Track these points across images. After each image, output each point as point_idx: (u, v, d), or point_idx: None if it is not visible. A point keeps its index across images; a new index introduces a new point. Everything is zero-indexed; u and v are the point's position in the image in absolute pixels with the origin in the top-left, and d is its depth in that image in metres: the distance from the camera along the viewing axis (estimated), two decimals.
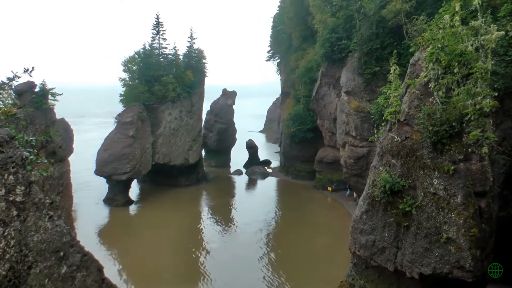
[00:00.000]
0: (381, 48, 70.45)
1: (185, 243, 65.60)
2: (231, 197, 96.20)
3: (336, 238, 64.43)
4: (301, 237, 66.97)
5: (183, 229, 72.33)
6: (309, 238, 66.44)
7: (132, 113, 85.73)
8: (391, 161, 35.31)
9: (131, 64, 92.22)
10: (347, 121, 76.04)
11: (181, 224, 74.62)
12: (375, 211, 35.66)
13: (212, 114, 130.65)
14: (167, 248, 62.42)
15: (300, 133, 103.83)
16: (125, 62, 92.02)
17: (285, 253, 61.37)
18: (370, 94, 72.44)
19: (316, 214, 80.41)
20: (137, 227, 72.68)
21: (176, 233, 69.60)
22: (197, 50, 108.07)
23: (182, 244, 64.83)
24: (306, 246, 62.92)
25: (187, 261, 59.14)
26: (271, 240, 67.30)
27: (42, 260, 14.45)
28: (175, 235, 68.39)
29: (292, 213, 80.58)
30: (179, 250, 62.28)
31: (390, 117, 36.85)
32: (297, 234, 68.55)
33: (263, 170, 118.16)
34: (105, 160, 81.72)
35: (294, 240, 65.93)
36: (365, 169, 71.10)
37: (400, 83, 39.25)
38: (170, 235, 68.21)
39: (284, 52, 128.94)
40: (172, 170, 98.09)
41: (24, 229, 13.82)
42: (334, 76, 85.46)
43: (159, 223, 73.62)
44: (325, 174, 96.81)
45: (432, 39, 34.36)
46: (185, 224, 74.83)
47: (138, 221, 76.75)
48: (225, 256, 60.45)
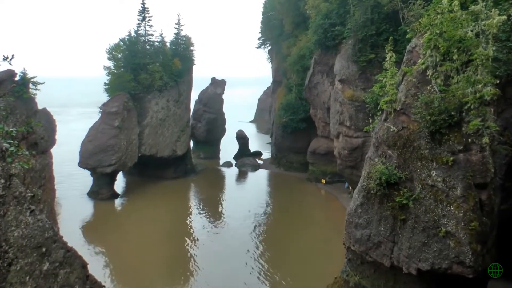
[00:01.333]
0: (377, 35, 70.23)
1: (173, 238, 65.46)
2: (221, 190, 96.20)
3: (330, 232, 64.48)
4: (294, 232, 67.04)
5: (171, 223, 72.16)
6: (302, 232, 66.49)
7: (118, 102, 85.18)
8: (387, 152, 35.27)
9: (116, 51, 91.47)
10: (341, 111, 75.95)
11: (169, 218, 74.43)
12: (371, 204, 35.63)
13: (200, 103, 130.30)
14: (154, 244, 62.22)
15: (292, 123, 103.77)
16: (110, 49, 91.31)
17: (277, 248, 61.36)
18: (365, 82, 72.27)
19: (309, 207, 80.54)
20: (123, 221, 72.47)
21: (163, 227, 69.41)
22: (184, 37, 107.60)
23: (170, 239, 64.69)
24: (298, 241, 62.98)
25: (175, 256, 59.02)
26: (263, 235, 67.26)
27: (23, 257, 14.26)
28: (162, 230, 68.21)
29: (284, 207, 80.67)
30: (166, 245, 62.11)
31: (386, 106, 36.76)
32: (290, 228, 68.62)
33: (254, 162, 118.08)
34: (90, 152, 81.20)
35: (286, 235, 65.97)
36: (360, 161, 71.02)
37: (396, 71, 39.17)
38: (157, 229, 68.01)
39: (275, 39, 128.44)
40: (159, 162, 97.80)
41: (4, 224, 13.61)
42: (328, 64, 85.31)
43: (146, 217, 73.40)
44: (318, 166, 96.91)
45: (430, 24, 34.25)
46: (173, 218, 74.68)
47: (124, 216, 76.56)
48: (214, 252, 60.36)
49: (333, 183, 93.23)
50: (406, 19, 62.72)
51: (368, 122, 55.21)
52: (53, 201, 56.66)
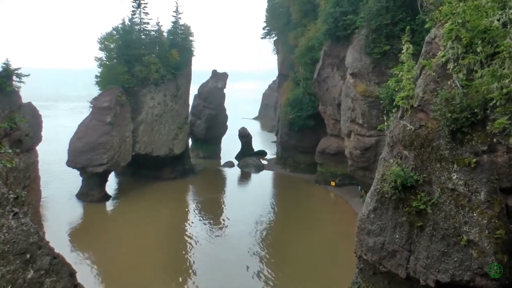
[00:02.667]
0: (392, 24, 69.90)
1: (169, 243, 65.44)
2: (222, 192, 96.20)
3: (340, 240, 64.38)
4: (300, 238, 66.89)
5: (167, 228, 72.12)
6: (309, 239, 66.36)
7: (110, 97, 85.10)
8: (403, 152, 35.05)
9: (108, 41, 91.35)
10: (352, 107, 75.79)
11: (165, 222, 74.42)
12: (385, 209, 35.40)
13: (200, 98, 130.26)
14: (149, 250, 62.19)
15: (299, 121, 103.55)
16: (102, 39, 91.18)
17: (282, 256, 61.30)
18: (379, 76, 72.09)
19: (318, 212, 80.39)
20: (114, 226, 72.46)
21: (159, 232, 69.36)
22: (183, 26, 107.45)
23: (166, 245, 64.66)
24: (305, 248, 62.84)
25: (171, 264, 58.95)
26: (267, 241, 67.19)
27: (5, 264, 14.12)
28: (157, 235, 68.16)
29: (290, 211, 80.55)
30: (162, 252, 62.08)
31: (402, 102, 36.51)
32: (296, 234, 68.48)
33: (258, 162, 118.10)
34: (79, 150, 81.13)
35: (292, 241, 65.83)
36: (373, 162, 70.84)
37: (414, 64, 38.89)
38: (152, 235, 67.97)
39: (281, 28, 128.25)
40: (155, 161, 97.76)
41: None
42: (339, 56, 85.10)
43: (140, 221, 73.37)
44: (327, 167, 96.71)
45: (451, 13, 33.96)
46: (169, 223, 74.68)
47: (115, 219, 76.57)
48: (214, 259, 60.32)
49: (343, 185, 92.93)
50: (425, 7, 62.28)
51: (382, 120, 55.01)
52: (39, 203, 56.65)
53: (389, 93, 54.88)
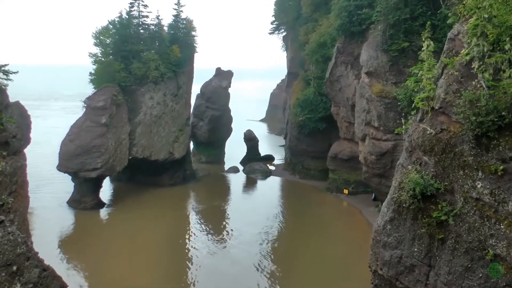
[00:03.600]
0: (411, 19, 69.80)
1: (167, 256, 65.29)
2: (225, 200, 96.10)
3: (353, 253, 64.15)
4: (310, 251, 66.75)
5: (166, 239, 71.94)
6: (319, 252, 66.16)
7: (105, 96, 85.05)
8: (422, 158, 34.88)
9: (104, 36, 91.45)
10: (368, 109, 75.59)
11: (163, 233, 74.20)
12: (402, 220, 35.24)
13: (203, 98, 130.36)
14: (145, 262, 62.06)
15: (310, 123, 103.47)
16: (97, 33, 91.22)
17: (290, 270, 61.13)
18: (397, 75, 71.94)
19: (329, 222, 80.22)
20: (109, 235, 72.34)
21: (156, 243, 69.22)
22: (185, 20, 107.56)
23: (164, 258, 64.49)
24: (316, 262, 62.60)
25: (169, 278, 58.80)
26: (274, 254, 66.99)
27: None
28: (155, 246, 68.02)
29: (299, 221, 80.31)
30: (159, 265, 61.93)
31: (421, 104, 36.42)
32: (305, 247, 68.32)
33: (265, 167, 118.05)
34: (71, 153, 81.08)
35: (301, 255, 65.67)
36: (390, 168, 70.73)
37: (435, 63, 38.73)
38: (149, 246, 67.86)
39: (291, 23, 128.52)
40: (153, 166, 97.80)
41: None
42: (353, 53, 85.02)
43: (136, 231, 73.26)
44: (340, 173, 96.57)
45: (477, 7, 33.77)
46: (168, 233, 74.47)
47: (110, 229, 76.49)
48: (216, 274, 60.14)
49: (357, 194, 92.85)
50: (447, 0, 62.25)
51: (400, 123, 54.82)
52: (26, 210, 56.50)
53: (407, 94, 54.76)
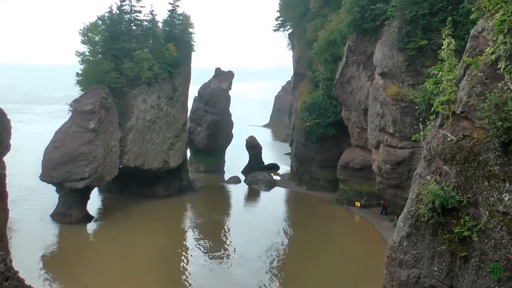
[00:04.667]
0: (430, 14, 69.80)
1: (161, 275, 65.16)
2: (225, 213, 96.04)
3: (366, 272, 63.94)
4: (319, 270, 66.60)
5: (159, 256, 71.81)
6: (329, 271, 66.10)
7: (94, 99, 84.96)
8: (442, 168, 34.73)
9: (92, 32, 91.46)
10: (382, 113, 75.52)
11: (157, 249, 74.05)
12: (420, 236, 35.09)
13: (201, 101, 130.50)
14: (136, 282, 62.02)
15: (318, 129, 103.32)
16: (85, 30, 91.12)
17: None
18: (414, 76, 71.94)
19: (339, 238, 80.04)
20: (96, 252, 72.16)
21: (149, 261, 69.06)
22: (181, 15, 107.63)
23: (157, 277, 64.38)
24: (325, 282, 62.52)
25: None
26: (278, 273, 66.88)
27: None
28: (147, 264, 67.87)
29: (306, 237, 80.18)
30: (152, 285, 61.85)
31: (441, 108, 36.34)
32: (313, 266, 68.09)
33: (269, 177, 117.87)
34: (56, 161, 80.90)
35: (309, 274, 65.50)
36: (406, 178, 70.72)
37: (456, 62, 38.65)
38: (141, 264, 67.72)
39: (298, 19, 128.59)
40: (146, 176, 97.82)
41: None
42: (365, 52, 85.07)
43: (127, 247, 73.12)
44: (351, 184, 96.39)
45: (503, 1, 33.64)
46: (162, 250, 74.32)
47: (98, 245, 76.27)
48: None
49: (370, 207, 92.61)
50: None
51: (418, 129, 54.78)
52: (5, 224, 56.44)
53: (426, 97, 54.63)
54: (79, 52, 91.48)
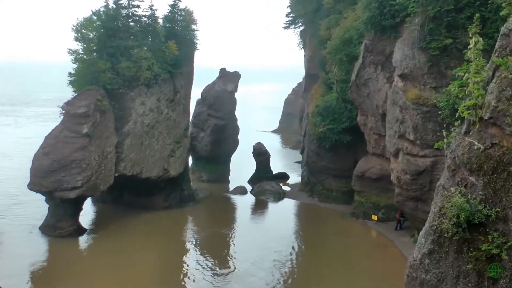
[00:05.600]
0: (456, 10, 69.48)
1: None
2: (230, 227, 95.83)
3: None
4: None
5: (158, 274, 71.78)
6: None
7: (87, 101, 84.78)
8: (468, 178, 34.58)
9: (86, 29, 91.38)
10: (402, 119, 75.31)
11: (155, 266, 74.10)
12: (444, 253, 34.95)
13: (204, 104, 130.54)
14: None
15: (332, 135, 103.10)
16: (78, 26, 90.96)
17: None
18: (437, 78, 71.75)
19: (355, 255, 79.72)
20: (89, 269, 72.01)
21: (146, 280, 68.95)
22: (184, 11, 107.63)
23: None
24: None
25: None
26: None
27: None
28: (145, 282, 67.80)
29: (319, 254, 80.00)
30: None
31: (467, 113, 36.23)
32: (326, 285, 67.97)
33: (277, 188, 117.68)
34: (45, 169, 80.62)
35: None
36: (428, 190, 70.41)
37: (485, 63, 38.51)
38: (138, 281, 67.63)
39: (310, 16, 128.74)
40: (144, 185, 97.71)
41: None
42: (384, 51, 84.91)
43: (123, 263, 72.95)
44: (368, 195, 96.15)
45: None
46: (161, 267, 74.33)
47: (91, 261, 76.05)
48: None
49: (388, 220, 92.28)
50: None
51: (441, 136, 54.70)
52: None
53: (450, 101, 54.56)
54: (72, 50, 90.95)
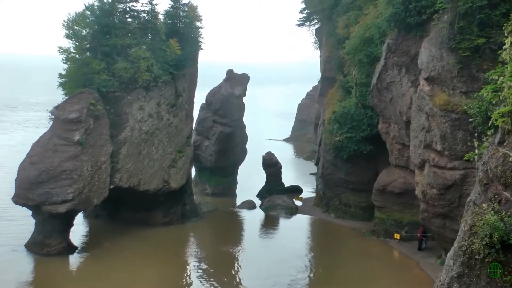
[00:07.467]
0: (490, 6, 69.04)
1: None
2: (237, 245, 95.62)
3: None
4: None
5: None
6: None
7: (80, 105, 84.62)
8: (502, 194, 34.44)
9: (79, 25, 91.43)
10: (428, 127, 75.11)
11: (154, 286, 73.88)
12: (475, 277, 34.76)
13: (209, 110, 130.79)
14: None
15: (350, 144, 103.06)
16: (69, 21, 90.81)
17: None
18: (468, 82, 71.43)
19: (375, 278, 79.46)
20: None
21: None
22: (187, 6, 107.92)
23: None
24: None
25: None
26: None
27: None
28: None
29: (335, 275, 79.91)
30: None
31: (502, 121, 36.13)
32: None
33: (289, 202, 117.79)
34: (32, 180, 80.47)
35: None
36: (457, 206, 70.15)
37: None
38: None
39: (327, 12, 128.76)
40: (142, 199, 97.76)
41: None
42: (408, 52, 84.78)
43: (117, 285, 73.00)
44: (390, 211, 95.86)
45: None
46: (160, 287, 74.12)
47: (82, 282, 76.06)
48: None
49: (412, 240, 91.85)
50: None
51: (472, 146, 54.55)
52: None
53: (482, 108, 54.48)
54: (62, 48, 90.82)
